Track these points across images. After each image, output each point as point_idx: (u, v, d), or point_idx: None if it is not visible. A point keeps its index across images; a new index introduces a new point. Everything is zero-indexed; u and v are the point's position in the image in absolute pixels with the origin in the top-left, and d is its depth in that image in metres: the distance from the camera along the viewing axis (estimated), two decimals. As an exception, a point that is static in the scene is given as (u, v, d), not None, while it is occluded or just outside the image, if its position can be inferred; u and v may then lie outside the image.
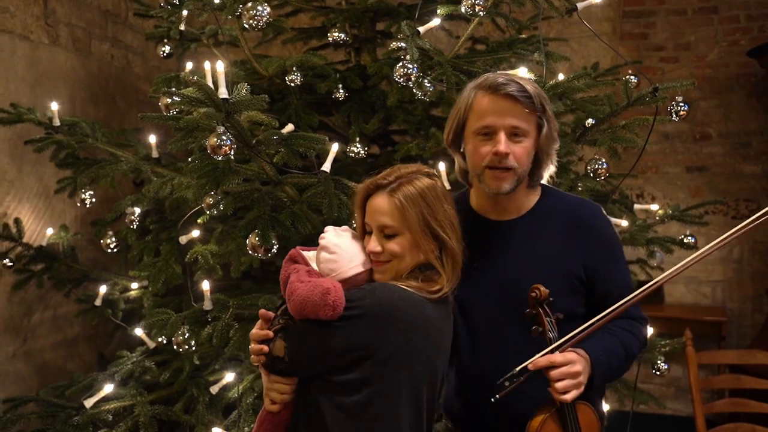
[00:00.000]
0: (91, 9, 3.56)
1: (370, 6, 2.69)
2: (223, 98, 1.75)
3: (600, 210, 1.65)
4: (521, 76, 1.59)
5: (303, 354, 1.41)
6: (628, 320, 1.60)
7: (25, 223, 2.96)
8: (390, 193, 1.43)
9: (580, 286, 1.56)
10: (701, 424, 2.59)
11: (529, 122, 1.51)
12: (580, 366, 1.41)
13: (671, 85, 2.12)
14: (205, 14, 2.55)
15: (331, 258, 1.46)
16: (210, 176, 2.02)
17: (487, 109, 1.51)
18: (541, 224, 1.60)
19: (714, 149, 4.31)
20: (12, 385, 2.98)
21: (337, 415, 1.37)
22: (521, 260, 1.57)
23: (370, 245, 1.46)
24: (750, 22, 4.20)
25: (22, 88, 3.05)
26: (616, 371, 1.57)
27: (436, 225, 1.43)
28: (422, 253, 1.44)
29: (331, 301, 1.33)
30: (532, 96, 1.49)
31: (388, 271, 1.45)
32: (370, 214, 1.46)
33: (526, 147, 1.52)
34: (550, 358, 1.40)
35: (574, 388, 1.40)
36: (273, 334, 1.45)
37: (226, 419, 2.40)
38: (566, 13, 2.38)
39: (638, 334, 1.62)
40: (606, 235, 1.61)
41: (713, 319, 3.98)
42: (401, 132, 2.99)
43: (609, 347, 1.52)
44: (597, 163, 2.33)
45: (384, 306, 1.36)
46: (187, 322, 2.32)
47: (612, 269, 1.59)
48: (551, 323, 1.45)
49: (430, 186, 1.46)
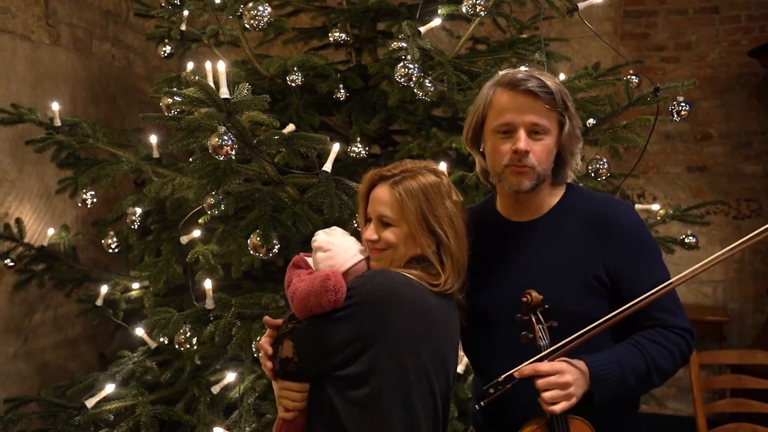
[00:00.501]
0: (92, 9, 3.56)
1: (371, 6, 2.69)
2: (224, 98, 1.75)
3: (629, 208, 1.55)
4: (542, 72, 1.53)
5: (311, 349, 1.42)
6: (660, 330, 1.45)
7: (26, 223, 2.96)
8: (392, 185, 1.46)
9: (602, 289, 1.46)
10: (702, 424, 2.59)
11: (550, 119, 1.46)
12: (570, 377, 1.33)
13: (672, 85, 2.12)
14: (206, 14, 2.56)
15: (327, 255, 1.48)
16: (211, 176, 2.02)
17: (506, 106, 1.46)
18: (562, 224, 1.52)
19: (715, 149, 4.31)
20: (13, 385, 2.98)
21: (351, 411, 1.37)
22: (538, 263, 1.50)
23: (367, 233, 1.49)
24: (751, 21, 4.19)
25: (23, 88, 3.05)
26: (635, 388, 1.43)
27: (434, 221, 1.44)
28: (419, 247, 1.46)
29: (331, 286, 1.35)
30: (553, 92, 1.44)
31: (383, 260, 1.48)
32: (372, 204, 1.50)
33: (547, 145, 1.46)
34: (535, 367, 1.35)
35: (562, 399, 1.32)
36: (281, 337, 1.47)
37: (227, 419, 2.40)
38: (567, 13, 2.38)
39: (672, 347, 1.45)
40: (633, 235, 1.49)
41: (714, 319, 3.98)
42: (402, 132, 2.99)
43: (624, 360, 1.40)
44: (598, 163, 2.33)
45: (385, 290, 1.37)
46: (189, 321, 2.32)
47: (639, 271, 1.46)
48: (543, 330, 1.39)
49: (434, 183, 1.47)
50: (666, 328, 1.46)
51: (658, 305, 1.44)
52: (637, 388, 1.44)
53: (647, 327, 1.46)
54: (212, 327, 2.27)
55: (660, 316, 1.46)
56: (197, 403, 2.48)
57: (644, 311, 1.42)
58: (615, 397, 1.40)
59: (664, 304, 1.46)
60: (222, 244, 2.35)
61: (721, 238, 4.22)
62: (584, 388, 1.36)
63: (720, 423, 2.63)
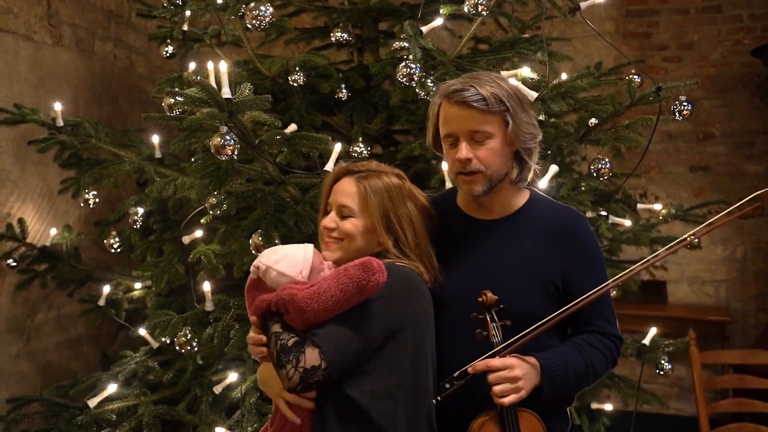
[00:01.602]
0: (94, 9, 3.57)
1: (373, 6, 2.69)
2: (226, 98, 1.75)
3: (586, 222, 1.65)
4: (487, 73, 1.58)
5: (349, 347, 1.37)
6: (597, 336, 1.59)
7: (28, 223, 2.97)
8: (357, 180, 1.54)
9: (555, 293, 1.56)
10: (705, 424, 2.59)
11: (490, 123, 1.50)
12: (520, 371, 1.43)
13: (674, 85, 2.12)
14: (207, 14, 2.56)
15: (285, 262, 1.45)
16: (213, 176, 2.02)
17: (447, 117, 1.54)
18: (525, 226, 1.60)
19: (717, 149, 4.30)
20: (16, 384, 2.99)
21: (383, 404, 1.40)
22: (500, 262, 1.57)
23: (325, 220, 1.55)
24: (753, 21, 4.18)
25: (25, 88, 3.06)
26: (575, 386, 1.56)
27: (395, 218, 1.52)
28: (379, 242, 1.51)
29: (376, 266, 1.36)
30: (485, 98, 1.48)
31: (338, 250, 1.53)
32: (334, 194, 1.56)
33: (491, 148, 1.51)
34: (488, 362, 1.43)
35: (511, 392, 1.42)
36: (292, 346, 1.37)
37: (229, 419, 2.40)
38: (569, 12, 2.38)
39: (606, 352, 1.60)
40: (588, 247, 1.61)
41: (717, 319, 3.97)
42: (404, 132, 2.99)
43: (569, 360, 1.52)
44: (600, 163, 2.33)
45: (405, 278, 1.45)
46: (188, 323, 2.33)
47: (588, 281, 1.55)
48: (496, 328, 1.48)
49: (397, 185, 1.56)
50: (603, 335, 1.60)
51: (599, 313, 1.60)
52: (576, 386, 1.58)
53: (587, 331, 1.60)
54: (211, 329, 2.27)
55: (599, 323, 1.60)
56: (199, 402, 2.49)
57: (586, 317, 1.58)
58: (559, 393, 1.52)
59: (604, 314, 1.61)
60: (224, 244, 2.35)
61: (723, 238, 4.21)
62: (534, 383, 1.47)
63: (722, 423, 2.63)
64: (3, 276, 2.94)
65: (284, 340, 1.36)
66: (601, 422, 2.86)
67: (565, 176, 2.41)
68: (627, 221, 2.72)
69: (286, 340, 1.36)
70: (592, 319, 1.59)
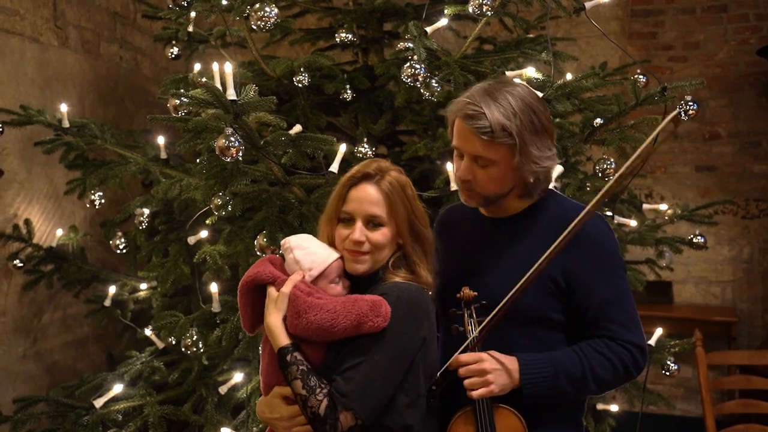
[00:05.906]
0: (100, 11, 3.58)
1: (378, 6, 2.69)
2: (231, 99, 1.75)
3: (599, 220, 1.57)
4: (506, 87, 1.52)
5: (378, 394, 1.35)
6: (606, 341, 1.50)
7: (35, 224, 2.98)
8: (377, 184, 1.45)
9: (557, 291, 1.51)
10: (711, 425, 2.58)
11: (495, 152, 1.47)
12: (489, 365, 1.43)
13: (680, 85, 2.11)
14: (213, 16, 2.56)
15: (306, 252, 1.46)
16: (218, 177, 2.03)
17: (457, 131, 1.54)
18: (531, 223, 1.58)
19: (723, 149, 4.28)
20: (22, 385, 3.00)
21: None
22: (499, 257, 1.57)
23: (354, 234, 1.43)
24: (759, 20, 4.17)
25: (31, 89, 3.07)
26: (571, 390, 1.48)
27: (416, 219, 1.48)
28: (403, 246, 1.47)
29: (383, 312, 1.35)
30: (492, 130, 1.44)
31: (366, 262, 1.45)
32: (356, 203, 1.45)
33: (491, 174, 1.50)
34: (458, 357, 1.46)
35: (480, 385, 1.42)
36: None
37: (234, 419, 2.41)
38: (574, 12, 2.38)
39: (615, 358, 1.49)
40: (596, 245, 1.52)
41: (723, 320, 3.96)
42: (409, 132, 2.99)
43: (559, 363, 1.47)
44: (605, 163, 2.32)
45: (412, 306, 1.41)
46: (195, 325, 2.33)
47: (595, 280, 1.50)
48: (473, 324, 1.49)
49: (407, 181, 1.51)
50: (613, 340, 1.50)
51: (609, 317, 1.50)
52: (572, 391, 1.49)
53: (595, 336, 1.51)
54: (219, 331, 2.27)
55: (611, 328, 1.50)
56: (205, 403, 2.49)
57: (594, 321, 1.50)
58: (548, 396, 1.46)
59: (616, 317, 1.50)
60: (229, 245, 2.35)
61: (730, 238, 4.20)
62: (509, 380, 1.45)
63: (729, 424, 2.62)
64: (10, 277, 2.95)
65: (314, 407, 1.31)
66: (606, 423, 2.85)
67: (570, 176, 2.40)
68: (632, 221, 2.71)
69: (316, 407, 1.31)
70: (600, 322, 1.50)
